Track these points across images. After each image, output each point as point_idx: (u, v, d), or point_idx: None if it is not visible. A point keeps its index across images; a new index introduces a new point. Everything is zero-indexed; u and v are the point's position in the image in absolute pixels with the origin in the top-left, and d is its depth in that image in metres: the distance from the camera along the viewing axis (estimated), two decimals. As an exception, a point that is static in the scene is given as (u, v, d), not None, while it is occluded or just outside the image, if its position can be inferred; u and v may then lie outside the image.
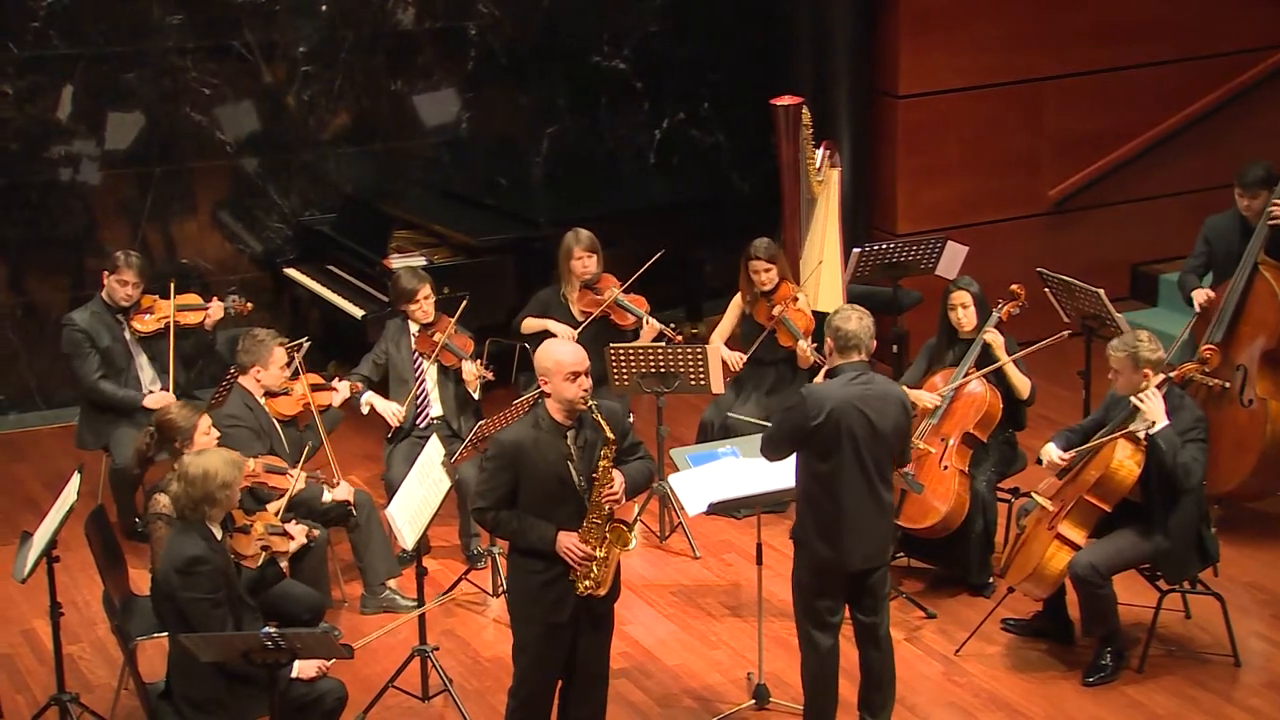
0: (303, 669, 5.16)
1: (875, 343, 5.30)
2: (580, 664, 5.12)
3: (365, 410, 6.85)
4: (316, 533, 5.85)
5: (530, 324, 7.32)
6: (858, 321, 5.22)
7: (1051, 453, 5.99)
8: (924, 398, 6.47)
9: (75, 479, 5.66)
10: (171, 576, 5.16)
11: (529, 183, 9.26)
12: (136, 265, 7.03)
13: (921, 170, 8.75)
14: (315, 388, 6.61)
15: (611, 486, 4.98)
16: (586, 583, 4.98)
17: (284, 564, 5.56)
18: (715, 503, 5.68)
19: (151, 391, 7.09)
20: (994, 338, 6.49)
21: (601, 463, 4.94)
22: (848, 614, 5.44)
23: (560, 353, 4.94)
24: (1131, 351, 5.78)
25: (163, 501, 5.59)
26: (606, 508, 4.98)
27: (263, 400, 6.39)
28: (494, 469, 4.98)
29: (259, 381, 6.37)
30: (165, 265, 8.50)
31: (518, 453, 4.93)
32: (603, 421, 4.92)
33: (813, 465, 5.24)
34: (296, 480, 6.10)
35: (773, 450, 5.32)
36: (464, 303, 6.92)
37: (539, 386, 7.12)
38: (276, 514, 5.75)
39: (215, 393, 6.84)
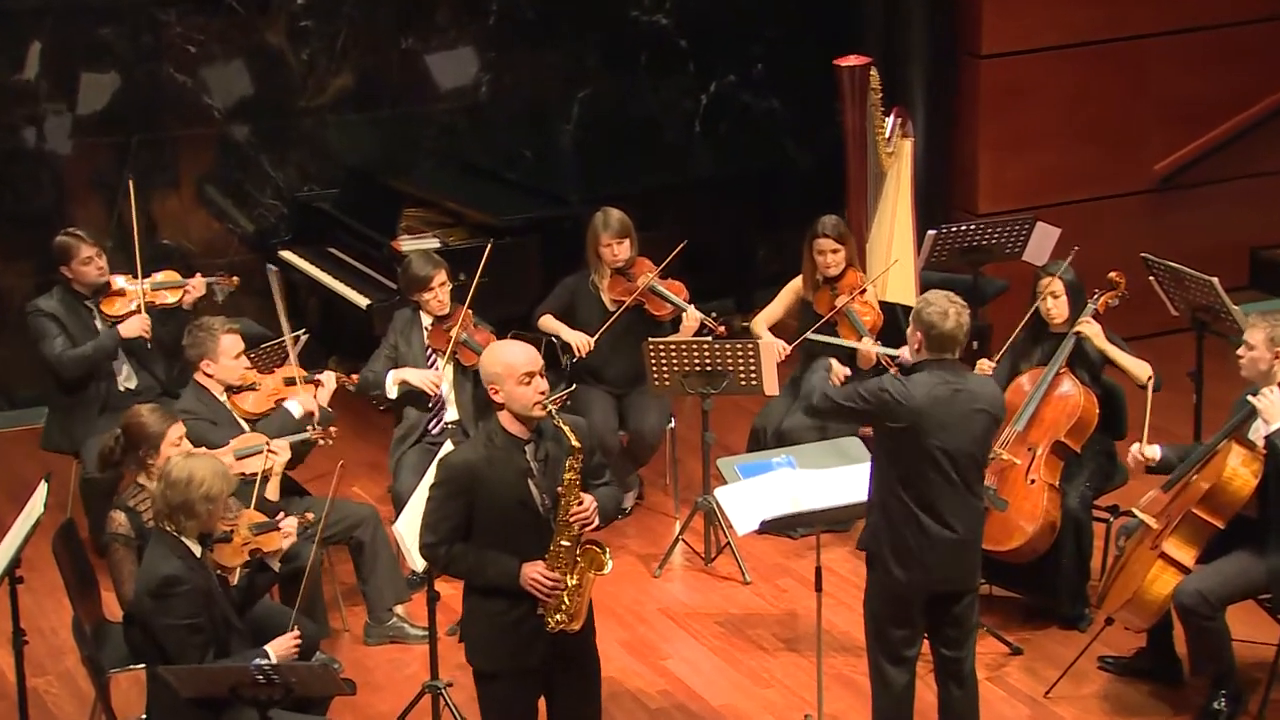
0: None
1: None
2: (563, 713, 5.08)
3: (394, 392, 6.83)
4: (310, 516, 5.82)
5: (546, 324, 7.33)
6: (955, 320, 5.16)
7: (1139, 450, 5.95)
8: None
9: (42, 489, 5.69)
10: (144, 600, 5.19)
11: (557, 154, 9.26)
12: (90, 237, 7.08)
13: (1007, 141, 8.70)
14: (290, 381, 6.58)
15: (580, 503, 4.93)
16: (558, 616, 4.93)
17: (275, 564, 5.55)
18: (768, 520, 5.66)
19: (128, 388, 7.13)
20: (1090, 328, 6.44)
21: (567, 475, 4.89)
22: (925, 648, 5.41)
23: (509, 354, 4.90)
24: (1271, 330, 5.74)
25: (119, 519, 5.61)
26: (575, 527, 4.94)
27: (224, 398, 6.41)
28: (443, 497, 4.92)
29: (211, 377, 6.38)
30: (143, 246, 8.52)
31: (470, 476, 4.88)
32: (565, 428, 4.88)
33: (888, 473, 5.22)
34: (280, 452, 6.08)
35: (838, 406, 5.22)
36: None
37: (565, 386, 7.21)
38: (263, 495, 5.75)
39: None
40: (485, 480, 4.88)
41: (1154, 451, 6.04)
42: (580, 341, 7.21)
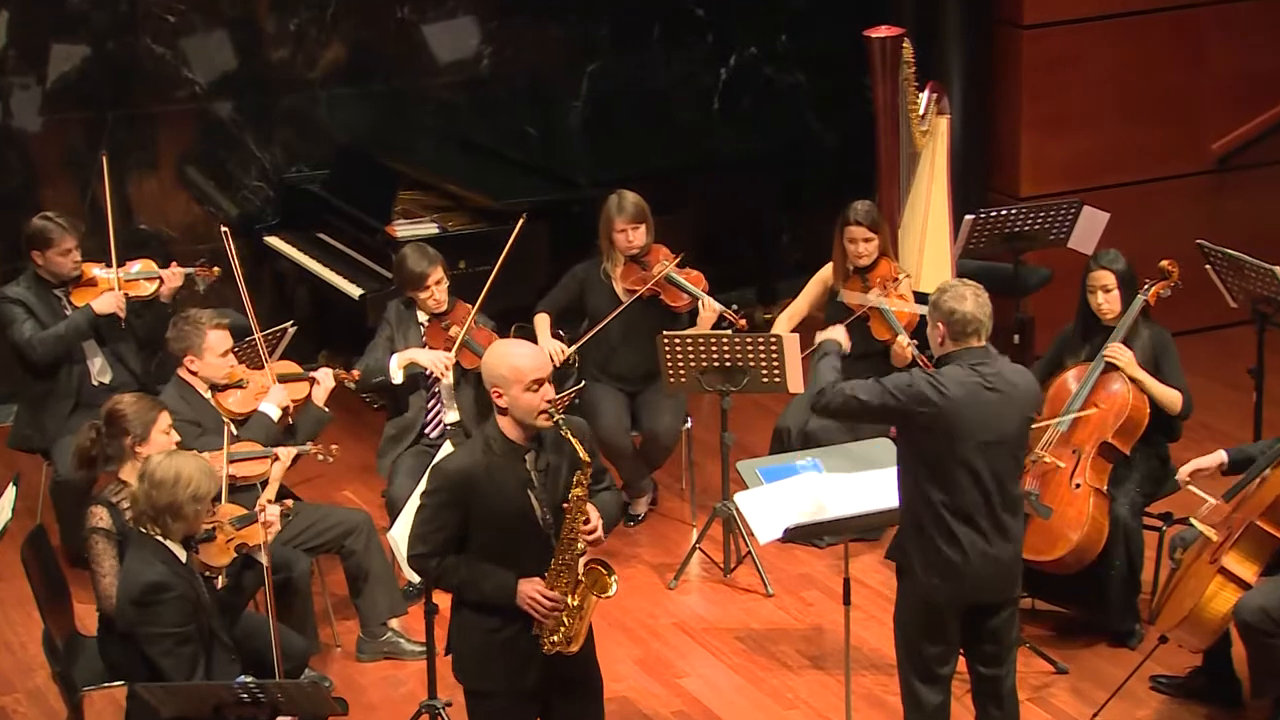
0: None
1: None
2: None
3: (400, 378, 6.84)
4: (290, 504, 5.85)
5: (536, 323, 7.33)
6: (974, 300, 5.20)
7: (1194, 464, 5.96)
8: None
9: (10, 492, 5.71)
10: (128, 610, 5.21)
11: (565, 133, 9.26)
12: (72, 226, 7.10)
13: (1051, 118, 8.69)
14: (283, 379, 6.59)
15: (587, 521, 4.94)
16: (555, 638, 4.95)
17: (263, 557, 5.58)
18: (792, 528, 5.67)
19: (101, 382, 7.15)
20: (1122, 356, 6.41)
21: (575, 491, 4.91)
22: (961, 665, 5.41)
23: (517, 358, 4.90)
24: None
25: (100, 514, 5.64)
26: (580, 545, 4.95)
27: (209, 396, 6.43)
28: (437, 505, 4.92)
29: (196, 374, 6.40)
30: (120, 231, 8.54)
31: (467, 485, 4.89)
32: (574, 440, 4.89)
33: (915, 474, 5.22)
34: (280, 460, 6.13)
35: (862, 404, 5.19)
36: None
37: (574, 382, 7.21)
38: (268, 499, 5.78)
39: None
40: (483, 489, 4.89)
41: (1210, 460, 6.02)
42: (554, 349, 7.21)
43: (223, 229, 6.92)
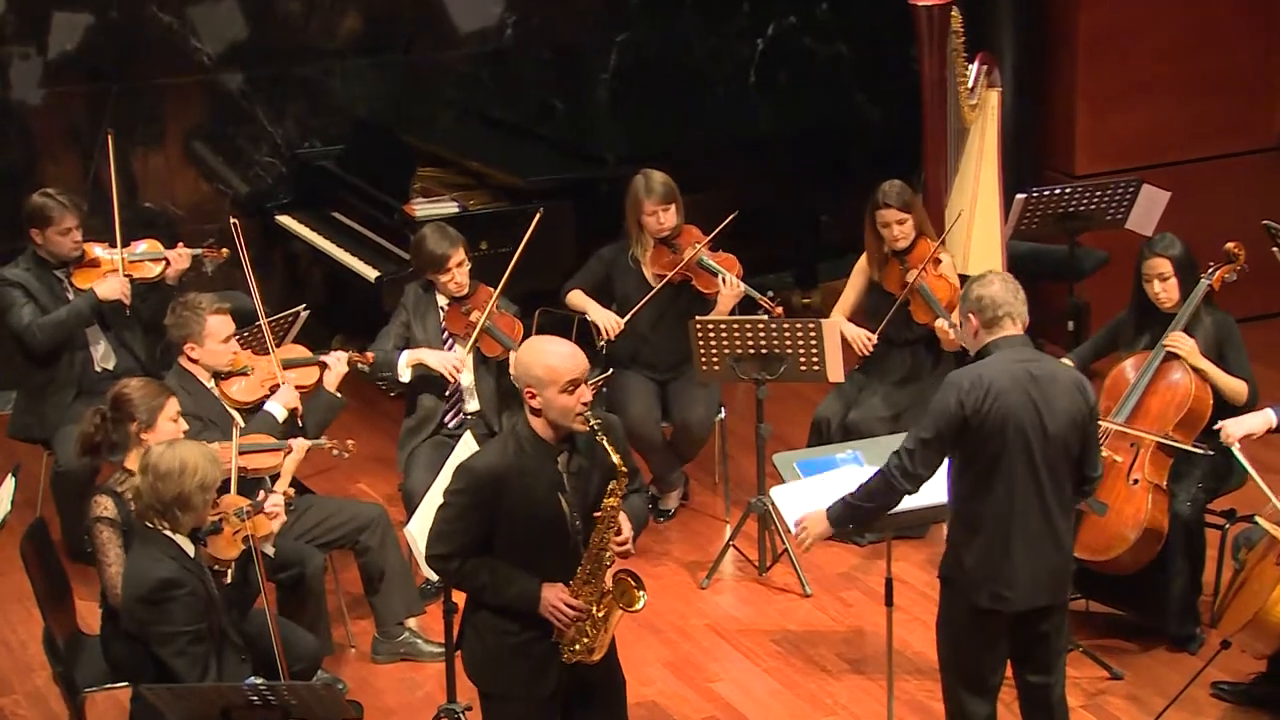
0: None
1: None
2: None
3: (407, 376, 6.86)
4: (292, 492, 5.88)
5: (574, 300, 7.34)
6: (1001, 283, 5.23)
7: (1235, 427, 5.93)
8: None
9: (9, 484, 5.74)
10: (136, 609, 5.23)
11: (592, 107, 9.27)
12: (73, 204, 7.12)
13: (1109, 92, 8.67)
14: (290, 364, 6.60)
15: (619, 533, 4.96)
16: (576, 647, 4.98)
17: (270, 549, 5.60)
18: (832, 524, 5.66)
19: (105, 369, 7.18)
20: (1183, 345, 6.38)
21: (608, 501, 4.93)
22: (1009, 673, 5.40)
23: (553, 357, 4.90)
24: None
25: (105, 504, 5.67)
26: (607, 556, 4.98)
27: (211, 385, 6.44)
28: (463, 505, 4.93)
29: (196, 362, 6.42)
30: (124, 209, 8.57)
31: (496, 485, 4.90)
32: (610, 448, 4.90)
33: (966, 474, 5.21)
34: (294, 452, 6.16)
35: (923, 443, 5.15)
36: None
37: (601, 370, 7.22)
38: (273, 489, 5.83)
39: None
40: (513, 491, 4.90)
41: (1259, 422, 6.00)
42: (609, 322, 7.21)
43: (232, 221, 6.93)
